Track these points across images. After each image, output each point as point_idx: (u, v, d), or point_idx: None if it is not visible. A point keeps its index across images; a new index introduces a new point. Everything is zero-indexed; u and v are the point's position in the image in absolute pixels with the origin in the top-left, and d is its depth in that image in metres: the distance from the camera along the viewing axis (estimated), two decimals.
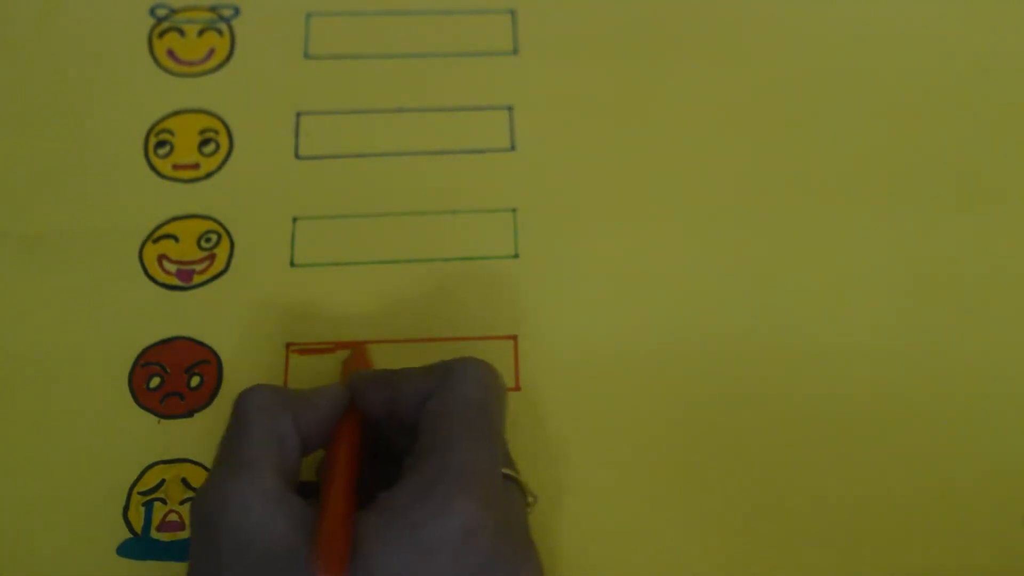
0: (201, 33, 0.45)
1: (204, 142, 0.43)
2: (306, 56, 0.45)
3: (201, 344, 0.40)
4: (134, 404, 0.39)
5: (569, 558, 0.36)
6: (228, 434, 0.33)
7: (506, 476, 0.33)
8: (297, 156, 0.43)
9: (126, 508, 0.37)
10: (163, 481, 0.37)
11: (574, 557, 0.36)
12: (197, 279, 0.41)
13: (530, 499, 0.34)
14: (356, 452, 0.33)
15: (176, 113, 0.44)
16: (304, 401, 0.34)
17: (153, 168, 0.43)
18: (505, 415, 0.34)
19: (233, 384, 0.39)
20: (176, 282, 0.41)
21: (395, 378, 0.34)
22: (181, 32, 0.45)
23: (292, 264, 0.41)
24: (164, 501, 0.37)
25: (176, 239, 0.41)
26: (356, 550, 0.30)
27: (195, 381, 0.39)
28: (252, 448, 0.31)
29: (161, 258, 0.41)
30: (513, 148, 0.43)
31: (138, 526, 0.37)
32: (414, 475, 0.31)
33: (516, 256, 0.41)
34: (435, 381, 0.33)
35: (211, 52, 0.45)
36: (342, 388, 0.35)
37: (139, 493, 0.37)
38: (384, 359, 0.39)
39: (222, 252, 0.41)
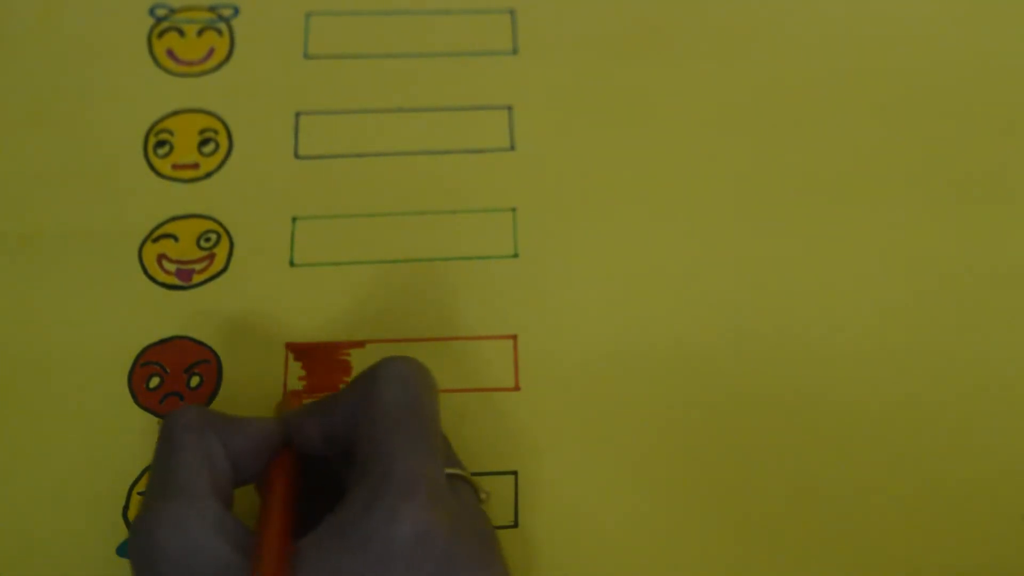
0: (200, 33, 0.45)
1: (204, 142, 0.43)
2: (306, 56, 0.45)
3: (201, 344, 0.40)
4: (134, 404, 0.38)
5: (568, 558, 0.36)
6: (157, 457, 0.32)
7: (453, 475, 0.33)
8: (297, 156, 0.43)
9: (126, 508, 0.37)
10: None
11: (573, 557, 0.36)
12: (197, 279, 0.41)
13: (482, 495, 0.34)
14: (293, 481, 0.33)
15: (175, 113, 0.44)
16: (234, 424, 0.33)
17: (152, 168, 0.43)
18: (438, 409, 0.33)
19: (233, 384, 0.39)
20: (176, 282, 0.41)
21: (326, 402, 0.34)
22: (180, 32, 0.45)
23: (292, 264, 0.41)
24: None
25: (175, 239, 0.41)
26: (304, 571, 0.29)
27: (195, 381, 0.39)
28: (182, 470, 0.31)
29: (160, 258, 0.41)
30: (513, 148, 0.43)
31: None
32: (356, 489, 0.30)
33: (516, 256, 0.41)
34: (362, 391, 0.32)
35: (211, 52, 0.45)
36: (275, 421, 0.34)
37: (139, 493, 0.37)
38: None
39: (221, 252, 0.41)
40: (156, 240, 0.41)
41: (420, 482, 0.30)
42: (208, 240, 0.41)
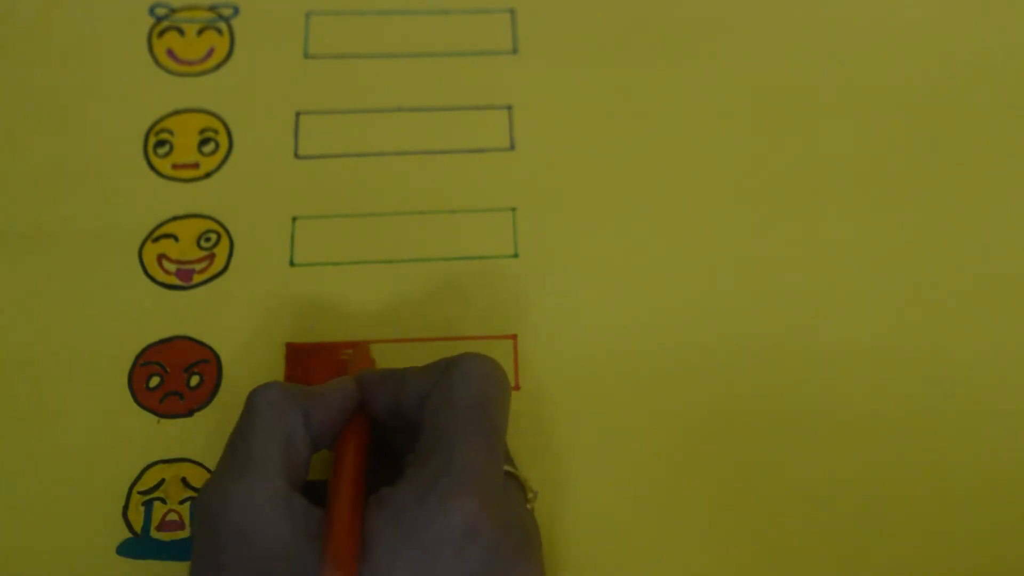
0: (200, 32, 0.45)
1: (204, 142, 0.43)
2: (306, 56, 0.45)
3: (201, 344, 0.40)
4: (134, 404, 0.39)
5: (571, 557, 0.36)
6: (236, 431, 0.32)
7: (508, 473, 0.33)
8: (297, 156, 0.43)
9: (126, 508, 0.37)
10: (163, 481, 0.37)
11: (576, 557, 0.36)
12: (197, 279, 0.41)
13: (530, 495, 0.34)
14: (364, 453, 0.33)
15: (175, 113, 0.44)
16: (316, 398, 0.33)
17: (153, 168, 0.43)
18: (507, 410, 0.34)
19: (233, 383, 0.39)
20: (176, 282, 0.41)
21: (399, 377, 0.34)
22: (180, 31, 0.45)
23: (292, 263, 0.41)
24: (164, 501, 0.37)
25: (176, 239, 0.41)
26: (371, 559, 0.30)
27: (195, 380, 0.39)
28: (258, 448, 0.31)
29: (161, 258, 0.41)
30: (512, 148, 0.43)
31: (138, 526, 0.37)
32: (415, 474, 0.31)
33: (516, 255, 0.41)
34: (436, 378, 0.33)
35: (211, 51, 0.45)
36: (353, 383, 0.34)
37: (139, 493, 0.37)
38: (385, 359, 0.39)
39: (222, 252, 0.41)
40: (156, 240, 0.41)
41: (475, 477, 0.30)
42: (208, 240, 0.41)
